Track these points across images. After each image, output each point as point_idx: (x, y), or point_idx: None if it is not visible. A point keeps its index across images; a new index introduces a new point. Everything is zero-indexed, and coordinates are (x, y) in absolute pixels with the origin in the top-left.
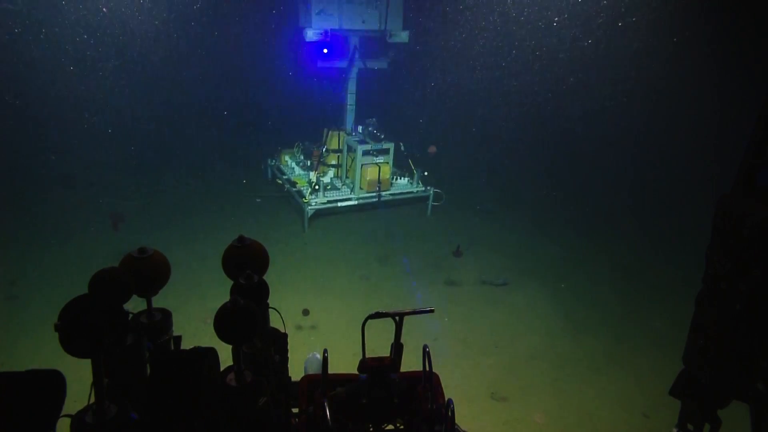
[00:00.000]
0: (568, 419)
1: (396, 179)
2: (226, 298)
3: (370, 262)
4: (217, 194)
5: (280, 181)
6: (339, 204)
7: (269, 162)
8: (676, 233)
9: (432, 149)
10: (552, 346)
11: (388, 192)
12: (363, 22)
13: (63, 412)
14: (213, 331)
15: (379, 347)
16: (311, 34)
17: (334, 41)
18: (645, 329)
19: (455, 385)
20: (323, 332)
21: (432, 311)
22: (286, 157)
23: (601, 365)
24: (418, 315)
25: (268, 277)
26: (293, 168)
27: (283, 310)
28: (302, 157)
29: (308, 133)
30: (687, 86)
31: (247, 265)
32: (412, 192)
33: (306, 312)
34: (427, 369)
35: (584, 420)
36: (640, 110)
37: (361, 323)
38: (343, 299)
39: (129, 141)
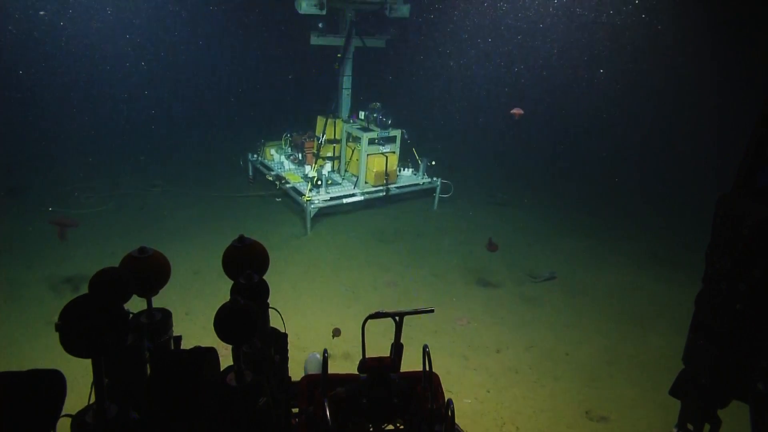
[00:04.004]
0: None
1: (400, 171)
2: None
3: (392, 266)
4: (195, 196)
5: (270, 178)
6: (344, 201)
7: (249, 157)
8: (697, 225)
9: (517, 111)
10: (623, 348)
11: (395, 185)
12: None
13: (63, 412)
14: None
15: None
16: (305, 6)
17: (329, 15)
18: None
19: (544, 409)
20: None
21: (432, 311)
22: (272, 151)
23: None
24: (465, 324)
25: (282, 289)
26: (282, 162)
27: (308, 331)
28: (290, 150)
29: (291, 123)
30: (687, 85)
31: (247, 265)
32: (418, 184)
33: (337, 332)
34: (427, 369)
35: None
36: (641, 109)
37: (362, 324)
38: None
39: (82, 141)
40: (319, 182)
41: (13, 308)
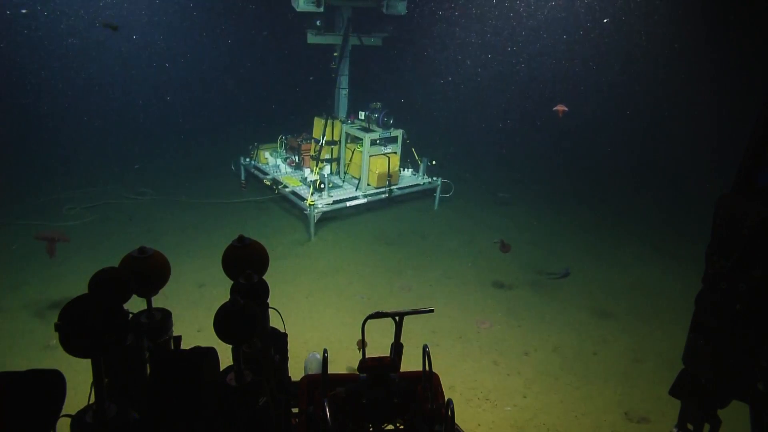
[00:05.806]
0: None
1: (400, 171)
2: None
3: (404, 270)
4: (186, 204)
5: (268, 182)
6: (347, 204)
7: (242, 161)
8: (698, 219)
9: (561, 108)
10: (648, 345)
11: (397, 186)
12: None
13: (63, 412)
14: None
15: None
16: (303, 3)
17: (326, 13)
18: None
19: (585, 412)
20: None
21: (432, 311)
22: (267, 154)
23: None
24: (488, 327)
25: (297, 301)
26: (278, 166)
27: (332, 344)
28: (286, 153)
29: (284, 124)
30: (687, 86)
31: (246, 265)
32: (419, 185)
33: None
34: (427, 369)
35: None
36: (642, 109)
37: (362, 324)
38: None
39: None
40: (322, 185)
41: (3, 336)
